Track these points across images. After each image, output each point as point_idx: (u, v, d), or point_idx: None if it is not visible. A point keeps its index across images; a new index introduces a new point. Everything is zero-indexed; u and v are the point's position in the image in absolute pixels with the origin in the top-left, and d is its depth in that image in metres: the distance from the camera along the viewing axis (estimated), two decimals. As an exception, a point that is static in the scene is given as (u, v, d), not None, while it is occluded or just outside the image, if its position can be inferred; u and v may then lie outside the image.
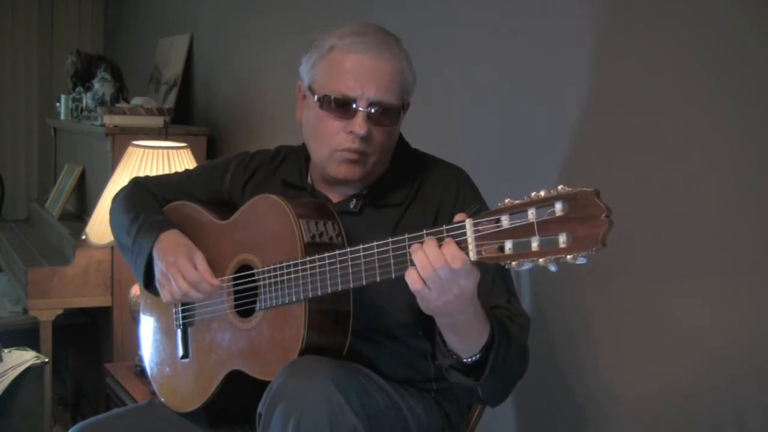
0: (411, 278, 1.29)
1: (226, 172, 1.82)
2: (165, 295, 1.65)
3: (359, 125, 1.52)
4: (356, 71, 1.53)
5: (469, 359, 1.40)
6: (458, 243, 1.24)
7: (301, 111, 1.65)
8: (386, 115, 1.55)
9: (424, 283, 1.28)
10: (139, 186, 1.87)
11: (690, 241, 1.67)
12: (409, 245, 1.30)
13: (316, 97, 1.57)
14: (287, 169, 1.74)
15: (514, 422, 2.11)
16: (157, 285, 1.66)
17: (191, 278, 1.58)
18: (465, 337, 1.39)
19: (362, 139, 1.53)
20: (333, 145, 1.56)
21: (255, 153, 1.83)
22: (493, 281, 1.53)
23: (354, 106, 1.53)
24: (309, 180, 1.70)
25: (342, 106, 1.54)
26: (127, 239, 1.73)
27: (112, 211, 1.85)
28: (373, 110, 1.53)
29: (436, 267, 1.25)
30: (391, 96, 1.54)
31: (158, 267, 1.64)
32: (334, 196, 1.65)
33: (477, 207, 1.50)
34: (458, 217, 1.28)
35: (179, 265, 1.60)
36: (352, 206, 1.63)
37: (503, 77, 2.11)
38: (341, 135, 1.55)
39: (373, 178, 1.62)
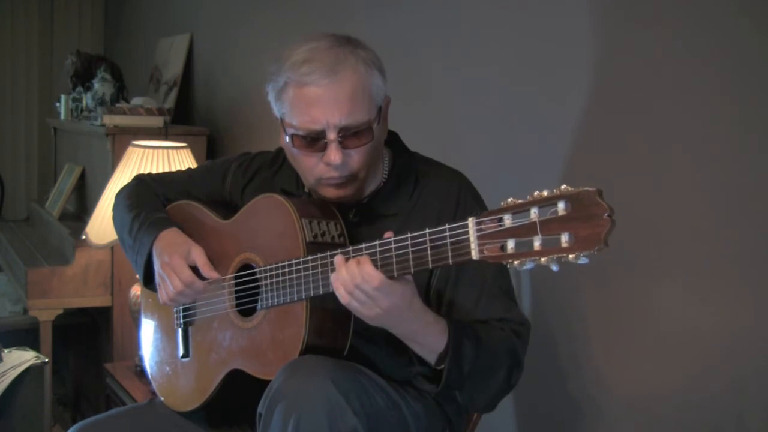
0: (338, 293, 1.37)
1: (226, 174, 1.82)
2: (161, 295, 1.66)
3: (334, 156, 1.49)
4: (316, 103, 1.48)
5: (439, 367, 1.44)
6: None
7: (282, 138, 1.61)
8: (359, 135, 1.51)
9: (351, 296, 1.35)
10: (142, 183, 1.87)
11: (690, 240, 1.67)
12: (412, 244, 1.30)
13: (286, 136, 1.56)
14: (285, 177, 1.74)
15: (515, 422, 2.11)
16: (156, 285, 1.67)
17: (185, 278, 1.60)
18: (420, 345, 1.44)
19: (341, 167, 1.51)
20: (316, 174, 1.55)
21: (255, 155, 1.83)
22: (481, 294, 1.55)
23: (323, 138, 1.50)
24: (306, 188, 1.70)
25: (312, 141, 1.51)
26: (129, 237, 1.74)
27: (115, 208, 1.86)
28: (343, 136, 1.50)
29: (355, 283, 1.34)
30: (358, 115, 1.50)
31: (156, 266, 1.65)
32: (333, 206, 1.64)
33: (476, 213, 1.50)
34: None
35: (174, 264, 1.61)
36: (351, 216, 1.62)
37: (504, 77, 2.11)
38: (320, 166, 1.53)
39: (369, 188, 1.62)
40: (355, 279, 1.33)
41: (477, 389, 1.47)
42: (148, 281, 1.72)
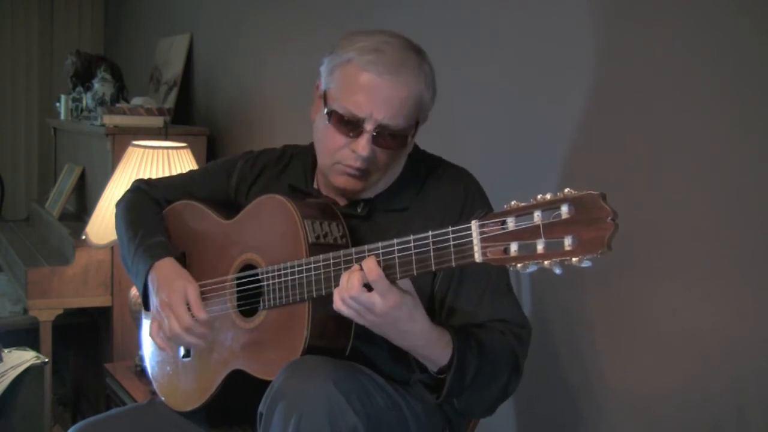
0: (334, 298, 1.37)
1: (231, 173, 1.81)
2: (153, 329, 1.64)
3: (362, 147, 1.50)
4: (368, 92, 1.49)
5: (440, 375, 1.44)
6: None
7: (316, 111, 1.62)
8: (393, 138, 1.53)
9: (345, 304, 1.35)
10: (140, 194, 1.87)
11: (690, 241, 1.67)
12: (414, 246, 1.30)
13: (326, 110, 1.55)
14: (293, 173, 1.74)
15: (515, 423, 2.11)
16: (151, 317, 1.66)
17: (184, 323, 1.58)
18: (423, 357, 1.44)
19: (365, 159, 1.52)
20: (336, 158, 1.55)
21: (260, 153, 1.83)
22: (484, 292, 1.55)
23: (361, 126, 1.51)
24: (315, 185, 1.70)
25: (349, 125, 1.52)
26: (128, 257, 1.75)
27: (116, 219, 1.86)
28: (379, 133, 1.51)
29: (352, 293, 1.33)
30: (400, 120, 1.51)
31: (153, 302, 1.64)
32: (341, 200, 1.65)
33: (483, 213, 1.51)
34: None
35: (173, 306, 1.59)
36: (359, 210, 1.62)
37: (504, 77, 2.11)
38: (345, 151, 1.53)
39: (376, 191, 1.62)
40: (351, 290, 1.34)
41: (475, 397, 1.48)
42: (149, 305, 1.71)
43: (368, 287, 1.33)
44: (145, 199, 1.84)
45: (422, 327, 1.39)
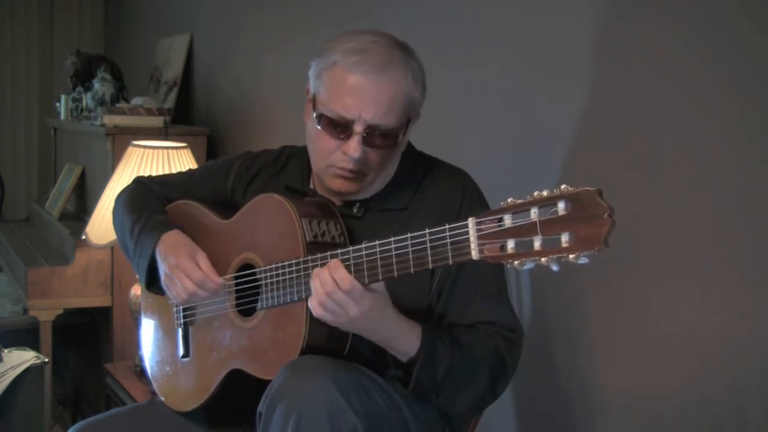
0: (311, 305, 1.39)
1: (229, 173, 1.82)
2: (173, 297, 1.65)
3: (353, 148, 1.50)
4: (356, 93, 1.49)
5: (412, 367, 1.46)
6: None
7: (307, 115, 1.62)
8: (384, 138, 1.52)
9: (323, 308, 1.37)
10: (142, 186, 1.87)
11: (690, 241, 1.67)
12: (412, 244, 1.30)
13: (315, 113, 1.55)
14: (290, 174, 1.74)
15: (515, 423, 2.11)
16: (164, 287, 1.66)
17: (196, 278, 1.58)
18: (394, 351, 1.47)
19: (357, 161, 1.52)
20: (329, 161, 1.55)
21: (258, 154, 1.83)
22: (476, 294, 1.55)
23: (350, 128, 1.50)
24: (311, 185, 1.70)
25: (339, 127, 1.52)
26: (130, 241, 1.74)
27: (115, 211, 1.85)
28: (369, 133, 1.50)
29: (328, 292, 1.35)
30: (390, 119, 1.51)
31: (162, 269, 1.65)
32: (337, 201, 1.64)
33: (481, 212, 1.51)
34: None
35: (182, 266, 1.59)
36: (355, 210, 1.62)
37: (504, 77, 2.11)
38: (337, 153, 1.53)
39: (371, 192, 1.62)
40: (327, 286, 1.36)
41: (455, 394, 1.49)
42: (150, 284, 1.71)
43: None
44: (148, 191, 1.85)
45: (392, 319, 1.43)
